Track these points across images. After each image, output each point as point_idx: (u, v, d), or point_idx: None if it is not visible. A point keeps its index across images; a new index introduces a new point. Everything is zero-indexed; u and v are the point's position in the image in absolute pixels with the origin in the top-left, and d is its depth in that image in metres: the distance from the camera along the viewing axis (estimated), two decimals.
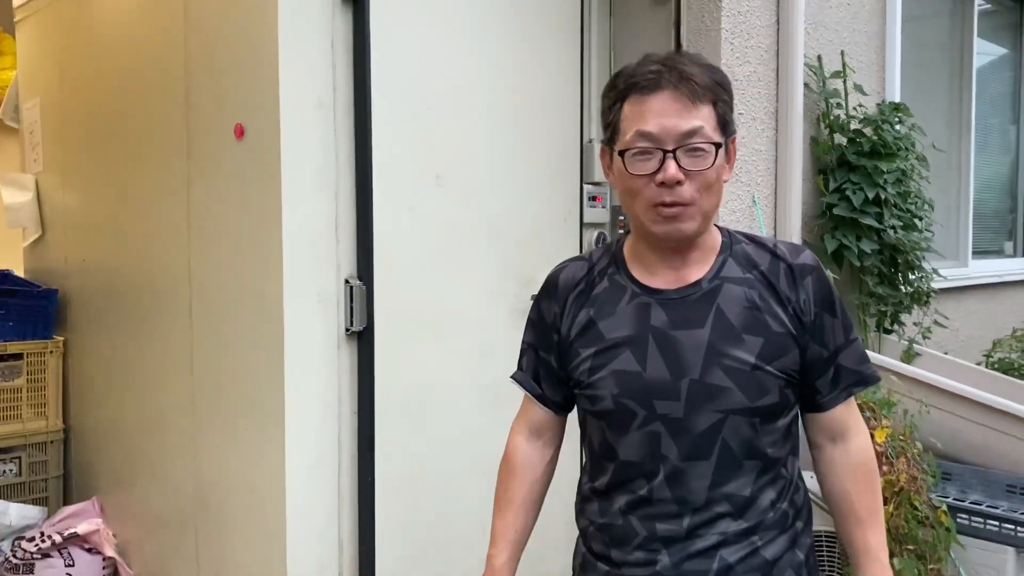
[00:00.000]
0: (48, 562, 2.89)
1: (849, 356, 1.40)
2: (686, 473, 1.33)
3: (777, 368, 1.33)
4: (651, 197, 1.31)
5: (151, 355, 2.80)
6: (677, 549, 1.35)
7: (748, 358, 1.32)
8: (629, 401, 1.34)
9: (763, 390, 1.33)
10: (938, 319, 3.63)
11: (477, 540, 2.58)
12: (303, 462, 2.21)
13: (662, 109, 1.29)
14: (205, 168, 2.47)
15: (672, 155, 1.28)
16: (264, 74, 2.17)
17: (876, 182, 3.13)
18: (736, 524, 1.35)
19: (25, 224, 3.55)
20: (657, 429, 1.34)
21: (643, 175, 1.30)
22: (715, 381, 1.32)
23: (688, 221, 1.31)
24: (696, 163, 1.29)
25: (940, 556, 2.49)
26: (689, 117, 1.28)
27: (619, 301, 1.39)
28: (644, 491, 1.36)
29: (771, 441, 1.37)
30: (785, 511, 1.39)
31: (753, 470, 1.35)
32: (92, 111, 3.11)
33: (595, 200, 2.89)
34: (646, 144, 1.29)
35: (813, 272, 1.38)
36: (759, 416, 1.34)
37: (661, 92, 1.29)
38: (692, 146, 1.29)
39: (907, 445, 2.54)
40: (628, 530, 1.38)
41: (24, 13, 3.58)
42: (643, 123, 1.29)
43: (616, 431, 1.37)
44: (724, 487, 1.34)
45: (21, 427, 3.17)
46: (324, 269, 2.24)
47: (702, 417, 1.32)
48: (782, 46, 2.99)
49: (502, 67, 2.62)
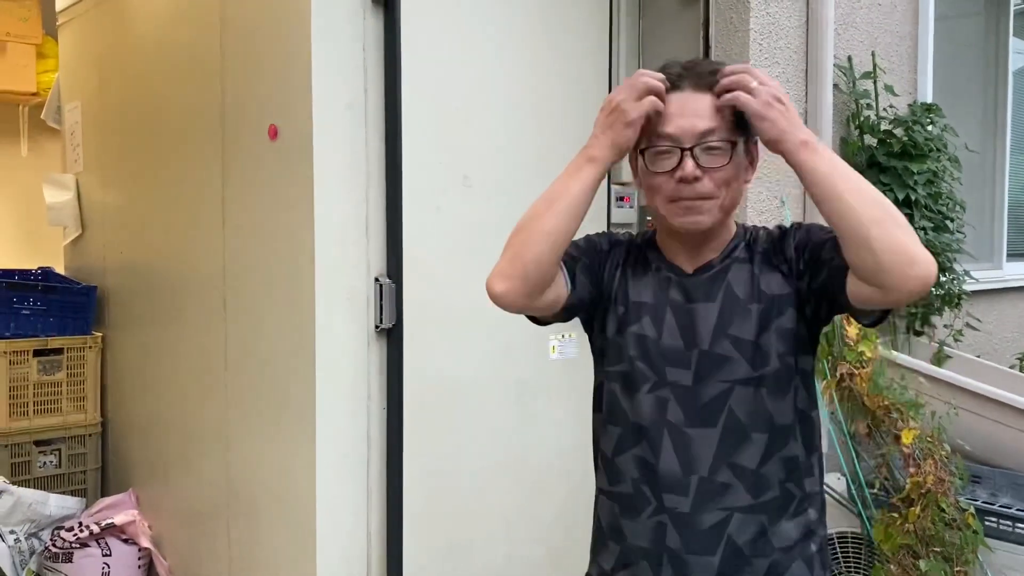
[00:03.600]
0: (86, 551, 2.96)
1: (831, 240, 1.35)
2: (693, 441, 1.39)
3: (777, 329, 1.39)
4: (671, 193, 1.38)
5: (186, 351, 2.87)
6: (684, 522, 1.39)
7: (751, 327, 1.39)
8: (643, 364, 1.42)
9: (766, 357, 1.39)
10: (970, 322, 3.60)
11: (503, 536, 2.62)
12: (333, 457, 2.26)
13: (680, 109, 1.36)
14: (239, 168, 2.52)
15: (690, 152, 1.35)
16: (297, 76, 2.22)
17: (906, 183, 3.10)
18: (742, 498, 1.38)
19: (66, 223, 3.64)
20: (665, 395, 1.41)
21: (663, 172, 1.38)
22: (722, 352, 1.39)
23: (705, 214, 1.38)
24: (713, 160, 1.35)
25: (967, 559, 2.47)
26: (706, 116, 1.35)
27: (647, 273, 1.48)
28: (650, 457, 1.41)
29: (780, 412, 1.41)
30: (792, 492, 1.42)
31: (760, 443, 1.39)
32: (131, 113, 3.19)
33: (623, 200, 2.90)
34: (665, 143, 1.36)
35: (797, 226, 1.44)
36: (765, 386, 1.39)
37: (681, 93, 1.36)
38: (709, 144, 1.35)
39: (935, 447, 2.53)
40: (638, 499, 1.43)
41: (67, 17, 3.67)
42: (662, 123, 1.36)
43: (626, 392, 1.44)
44: (730, 458, 1.38)
45: (61, 420, 3.26)
46: (354, 267, 2.29)
47: (709, 387, 1.39)
48: (811, 47, 2.98)
49: (530, 68, 2.65)
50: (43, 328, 3.25)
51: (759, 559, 1.39)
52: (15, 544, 3.01)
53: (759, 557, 1.39)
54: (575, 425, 2.56)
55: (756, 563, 1.39)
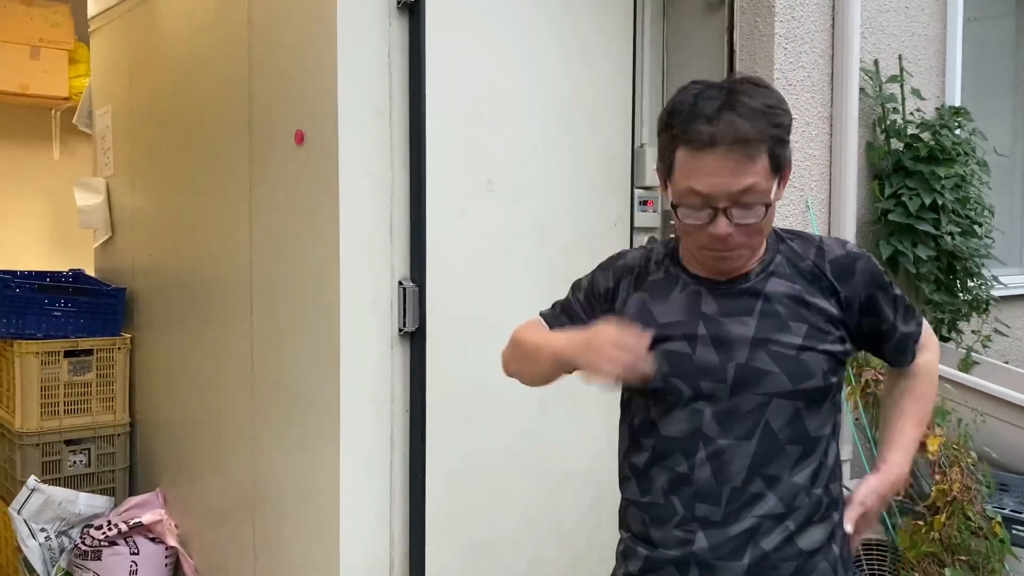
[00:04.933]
0: (114, 549, 3.01)
1: (907, 322, 1.51)
2: (726, 453, 1.38)
3: (821, 351, 1.39)
4: (702, 243, 1.37)
5: (213, 353, 2.90)
6: (714, 532, 1.38)
7: (794, 342, 1.38)
8: (677, 381, 1.40)
9: (808, 374, 1.38)
10: (998, 327, 3.55)
11: (525, 538, 2.63)
12: (356, 458, 2.28)
13: (715, 169, 1.29)
14: (266, 173, 2.55)
15: (723, 212, 1.31)
16: (323, 82, 2.25)
17: (933, 188, 3.08)
18: (774, 506, 1.38)
19: (96, 226, 3.69)
20: (701, 408, 1.39)
21: (695, 224, 1.34)
22: (760, 365, 1.37)
23: (737, 260, 1.39)
24: (747, 216, 1.32)
25: (994, 568, 2.44)
26: (741, 176, 1.28)
27: (672, 290, 1.45)
28: (684, 468, 1.40)
29: (815, 426, 1.41)
30: (820, 498, 1.42)
31: (795, 454, 1.39)
32: (160, 118, 3.24)
33: (646, 204, 2.91)
34: (698, 201, 1.32)
35: (859, 259, 1.45)
36: (803, 400, 1.38)
37: (714, 152, 1.28)
38: (744, 203, 1.30)
39: (961, 454, 2.50)
40: (668, 509, 1.42)
41: (98, 23, 3.73)
42: (695, 182, 1.30)
43: (661, 408, 1.43)
44: (764, 469, 1.38)
45: (91, 420, 3.31)
46: (378, 271, 2.31)
47: (746, 399, 1.38)
48: (837, 50, 2.96)
49: (554, 73, 2.66)
50: (73, 329, 3.30)
51: (786, 563, 1.39)
52: (45, 542, 3.07)
53: (786, 561, 1.39)
54: (598, 430, 2.56)
55: (782, 567, 1.39)
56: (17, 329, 3.20)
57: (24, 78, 4.64)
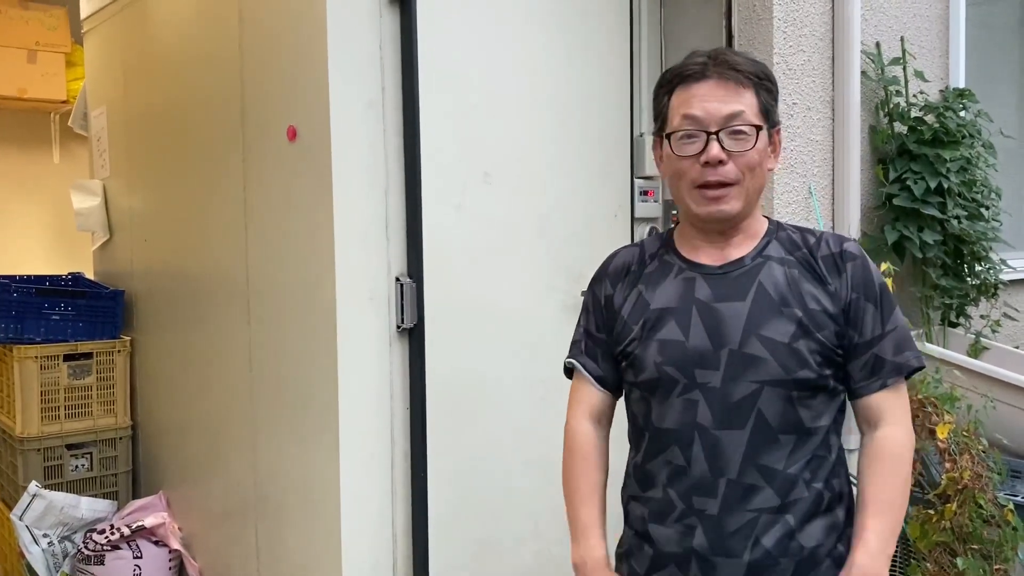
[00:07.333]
0: (117, 554, 2.99)
1: (887, 347, 1.41)
2: (721, 442, 1.37)
3: (814, 341, 1.38)
4: (696, 177, 1.40)
5: (211, 353, 2.88)
6: (712, 525, 1.37)
7: (787, 330, 1.37)
8: (671, 369, 1.40)
9: (800, 362, 1.37)
10: (1007, 311, 3.51)
11: (529, 535, 2.60)
12: (356, 456, 2.25)
13: (706, 94, 1.40)
14: (260, 170, 2.53)
15: (715, 136, 1.37)
16: (314, 77, 2.22)
17: (939, 171, 3.03)
18: (770, 500, 1.36)
19: (94, 228, 3.67)
20: (695, 397, 1.39)
21: (688, 156, 1.39)
22: (753, 352, 1.37)
23: (731, 202, 1.39)
24: (738, 144, 1.38)
25: (1007, 556, 2.40)
26: (731, 101, 1.38)
27: (666, 277, 1.47)
28: (681, 461, 1.40)
29: (810, 417, 1.39)
30: (821, 492, 1.40)
31: (788, 444, 1.38)
32: (154, 118, 3.21)
33: (647, 194, 2.87)
34: (691, 127, 1.39)
35: (855, 259, 1.43)
36: (795, 389, 1.37)
37: (706, 80, 1.40)
38: (734, 128, 1.37)
39: (971, 441, 2.46)
40: (667, 503, 1.41)
41: (91, 24, 3.70)
42: (688, 107, 1.39)
43: (657, 399, 1.43)
44: (758, 459, 1.37)
45: (92, 424, 3.29)
46: (375, 267, 2.28)
47: (739, 387, 1.37)
48: (837, 33, 2.92)
49: (550, 62, 2.62)
50: (73, 333, 3.28)
51: (786, 560, 1.37)
52: (48, 547, 3.05)
53: (786, 558, 1.37)
54: None
55: (783, 563, 1.37)
56: (16, 334, 3.18)
57: (22, 82, 4.62)
